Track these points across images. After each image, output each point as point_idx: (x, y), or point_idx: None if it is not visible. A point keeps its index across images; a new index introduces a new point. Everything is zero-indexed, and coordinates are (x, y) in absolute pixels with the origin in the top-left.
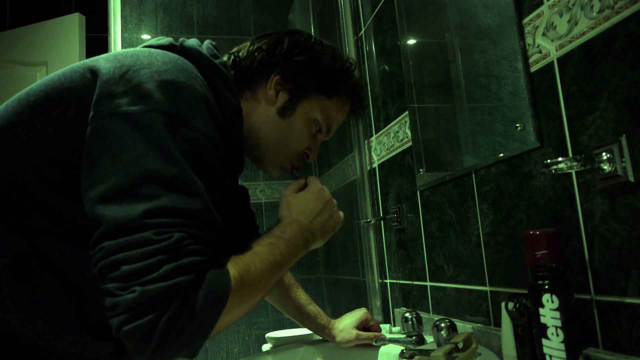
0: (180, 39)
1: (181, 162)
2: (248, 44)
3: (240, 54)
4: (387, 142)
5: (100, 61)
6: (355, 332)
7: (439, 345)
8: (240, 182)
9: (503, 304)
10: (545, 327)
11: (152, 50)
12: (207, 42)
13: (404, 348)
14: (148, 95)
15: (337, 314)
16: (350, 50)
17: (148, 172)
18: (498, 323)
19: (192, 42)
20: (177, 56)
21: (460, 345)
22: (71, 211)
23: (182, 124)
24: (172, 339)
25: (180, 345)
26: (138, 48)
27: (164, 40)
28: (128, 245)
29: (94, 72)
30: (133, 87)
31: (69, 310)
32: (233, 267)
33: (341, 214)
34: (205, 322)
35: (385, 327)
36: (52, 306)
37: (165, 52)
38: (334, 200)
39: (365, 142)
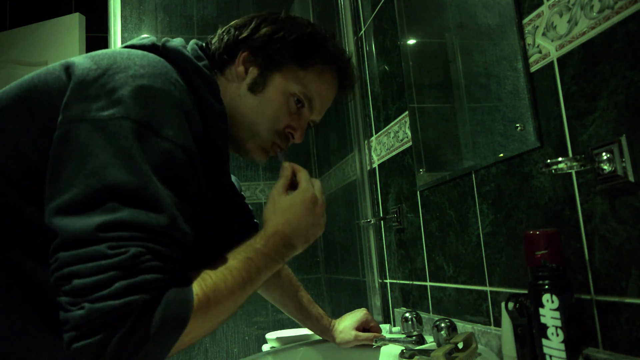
0: (164, 39)
1: (147, 174)
2: (219, 29)
3: (212, 40)
4: (387, 142)
5: (76, 61)
6: (354, 333)
7: (439, 345)
8: (237, 182)
9: (503, 304)
10: (545, 327)
11: (132, 51)
12: (192, 43)
13: (404, 348)
14: (120, 101)
15: (337, 314)
16: (350, 51)
17: (110, 183)
18: (498, 323)
19: (176, 42)
20: (157, 58)
21: (460, 345)
22: (43, 221)
23: (153, 132)
24: None
25: None
26: (118, 48)
27: (147, 40)
28: (80, 258)
29: (69, 74)
30: (106, 92)
31: (38, 318)
32: (199, 286)
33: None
34: (161, 343)
35: (385, 327)
36: (19, 316)
37: (145, 53)
38: (323, 201)
39: (365, 142)
